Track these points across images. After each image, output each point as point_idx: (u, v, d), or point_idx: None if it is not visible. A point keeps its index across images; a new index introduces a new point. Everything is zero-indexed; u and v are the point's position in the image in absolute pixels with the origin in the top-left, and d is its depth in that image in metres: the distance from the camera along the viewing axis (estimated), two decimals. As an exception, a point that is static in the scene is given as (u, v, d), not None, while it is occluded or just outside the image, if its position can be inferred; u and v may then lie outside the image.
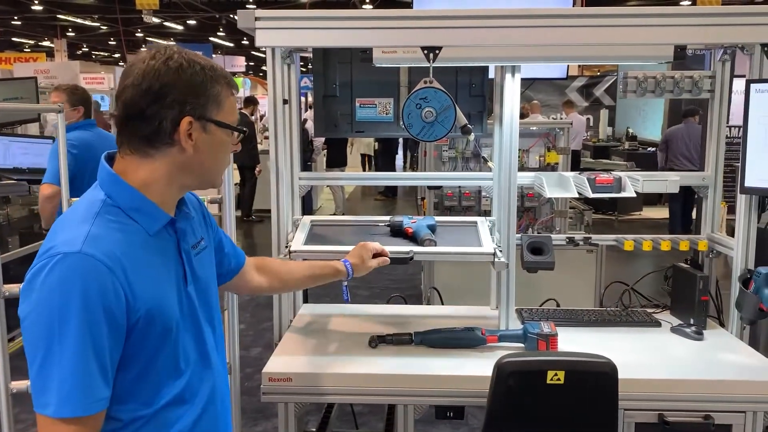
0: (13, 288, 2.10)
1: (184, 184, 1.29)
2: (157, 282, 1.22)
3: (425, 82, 2.01)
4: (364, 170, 12.01)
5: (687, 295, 2.36)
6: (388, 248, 2.10)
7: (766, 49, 2.05)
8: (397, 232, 2.32)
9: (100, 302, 1.11)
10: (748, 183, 2.15)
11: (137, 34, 20.12)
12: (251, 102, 9.84)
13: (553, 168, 4.23)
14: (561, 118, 9.18)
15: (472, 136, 2.20)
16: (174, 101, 1.19)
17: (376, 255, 2.03)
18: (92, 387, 1.12)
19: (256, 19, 2.02)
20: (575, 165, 8.84)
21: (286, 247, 2.25)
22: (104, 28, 18.78)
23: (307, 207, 6.85)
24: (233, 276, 1.65)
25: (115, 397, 1.18)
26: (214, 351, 1.36)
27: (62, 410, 1.10)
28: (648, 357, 2.12)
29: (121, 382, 1.19)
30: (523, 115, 9.11)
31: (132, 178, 1.23)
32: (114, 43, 22.02)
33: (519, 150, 4.33)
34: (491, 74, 2.47)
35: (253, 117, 9.79)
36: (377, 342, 2.14)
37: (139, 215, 1.22)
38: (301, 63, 2.50)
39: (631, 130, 11.56)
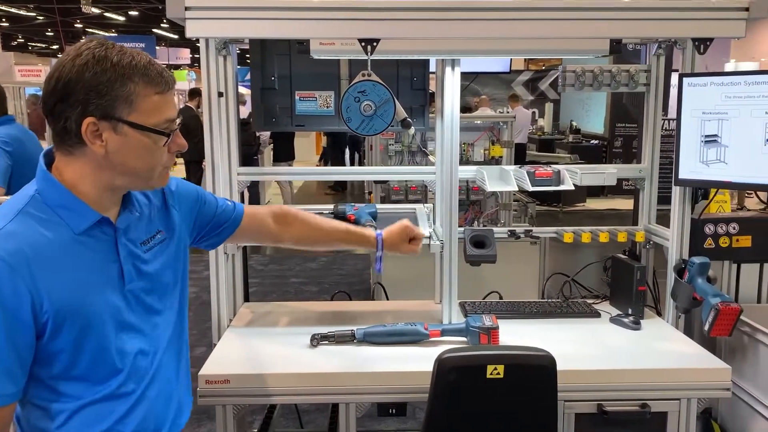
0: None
1: (113, 184, 1.25)
2: (77, 281, 1.19)
3: (363, 75, 1.98)
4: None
5: (625, 286, 2.40)
6: None
7: (696, 43, 2.09)
8: (341, 219, 2.39)
9: None
10: (681, 175, 2.19)
11: (76, 25, 19.46)
12: (196, 94, 9.60)
13: (497, 161, 4.27)
14: (507, 112, 9.30)
15: (412, 130, 2.18)
16: (76, 101, 1.16)
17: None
18: None
19: (187, 8, 1.94)
20: (521, 158, 8.98)
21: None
22: (41, 18, 18.09)
23: (254, 203, 6.72)
24: (233, 230, 1.68)
25: (45, 390, 1.22)
26: (165, 343, 1.37)
27: None
28: (587, 348, 2.14)
29: (48, 377, 1.21)
30: (471, 110, 9.22)
31: (63, 175, 1.22)
32: (52, 34, 21.23)
33: (464, 144, 4.37)
34: (433, 67, 2.46)
35: (199, 109, 9.57)
36: (319, 341, 2.11)
37: (66, 212, 1.20)
38: (247, 55, 2.43)
39: (575, 124, 11.80)
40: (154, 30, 20.32)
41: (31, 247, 1.14)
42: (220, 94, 2.18)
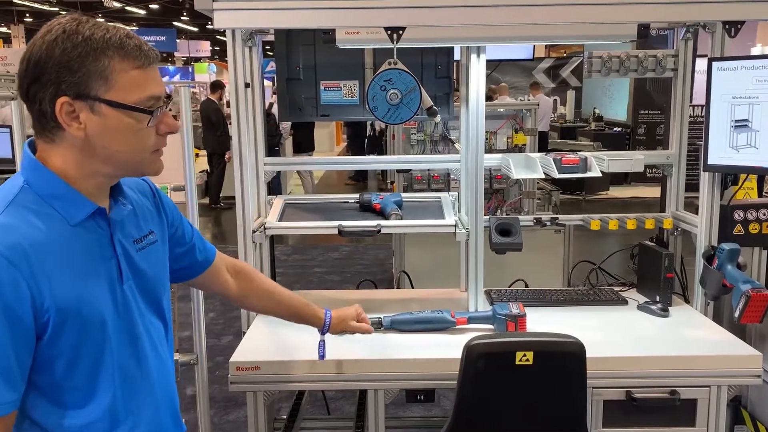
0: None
1: (100, 172, 1.14)
2: (76, 277, 1.09)
3: (389, 64, 1.98)
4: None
5: (653, 273, 2.38)
6: (358, 223, 2.28)
7: (727, 26, 2.06)
8: (366, 208, 2.47)
9: None
10: (710, 161, 2.17)
11: (98, 19, 19.63)
12: (218, 87, 9.67)
13: (520, 149, 4.25)
14: (528, 100, 9.22)
15: (438, 118, 2.18)
16: (48, 80, 1.06)
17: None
18: None
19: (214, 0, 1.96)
20: (543, 146, 8.90)
21: (261, 227, 2.28)
22: (63, 13, 18.27)
23: (276, 193, 6.82)
24: (201, 271, 1.52)
25: (40, 400, 1.11)
26: (156, 350, 1.26)
27: None
28: (615, 335, 2.14)
29: (46, 384, 1.10)
30: (490, 98, 9.16)
31: (49, 164, 1.12)
32: (74, 28, 21.43)
33: (486, 132, 4.35)
34: (457, 55, 2.46)
35: (221, 102, 9.64)
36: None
37: (60, 203, 1.10)
38: (268, 47, 2.45)
39: (597, 111, 11.67)
40: (175, 23, 20.44)
41: (28, 240, 1.04)
42: (246, 85, 2.19)
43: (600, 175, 2.33)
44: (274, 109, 7.55)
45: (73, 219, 1.11)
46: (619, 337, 2.12)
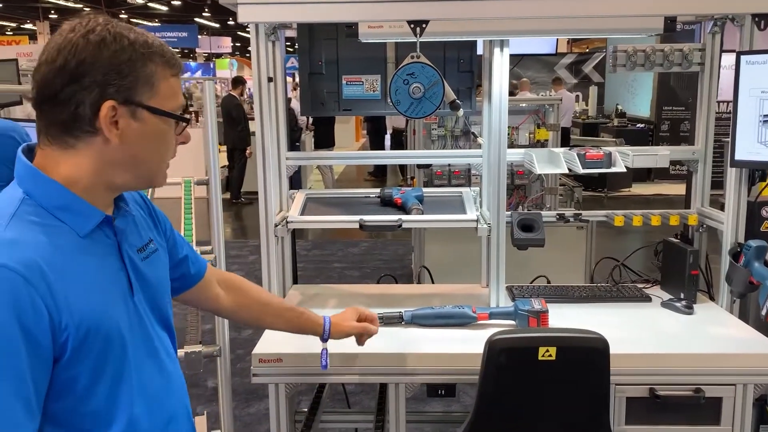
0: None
1: (114, 182, 1.09)
2: (91, 293, 1.02)
3: (412, 57, 1.97)
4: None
5: (677, 270, 2.36)
6: (379, 217, 2.28)
7: (757, 19, 2.02)
8: (388, 202, 2.47)
9: (16, 322, 0.91)
10: (738, 156, 2.13)
11: (121, 15, 19.84)
12: (239, 82, 9.73)
13: (542, 145, 4.22)
14: (550, 96, 9.16)
15: (461, 112, 2.17)
16: (93, 82, 1.00)
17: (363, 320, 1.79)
18: (11, 425, 0.92)
19: (239, -6, 1.97)
20: (565, 142, 8.83)
21: (283, 221, 2.29)
22: (87, 9, 18.49)
23: (296, 188, 6.84)
24: (194, 284, 1.44)
25: (53, 429, 1.01)
26: (169, 361, 1.21)
27: None
28: (639, 332, 2.12)
29: (61, 412, 1.01)
30: (512, 93, 9.10)
31: (54, 173, 1.04)
32: (98, 24, 21.69)
33: (509, 127, 4.31)
34: (480, 50, 2.44)
35: (242, 97, 9.69)
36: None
37: (67, 214, 1.03)
38: (288, 43, 2.46)
39: (620, 107, 11.55)
40: (196, 19, 20.59)
41: (40, 255, 0.96)
42: (269, 80, 2.20)
43: (624, 170, 2.31)
44: (294, 104, 7.58)
45: (82, 230, 1.04)
46: (643, 334, 2.10)
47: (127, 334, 1.08)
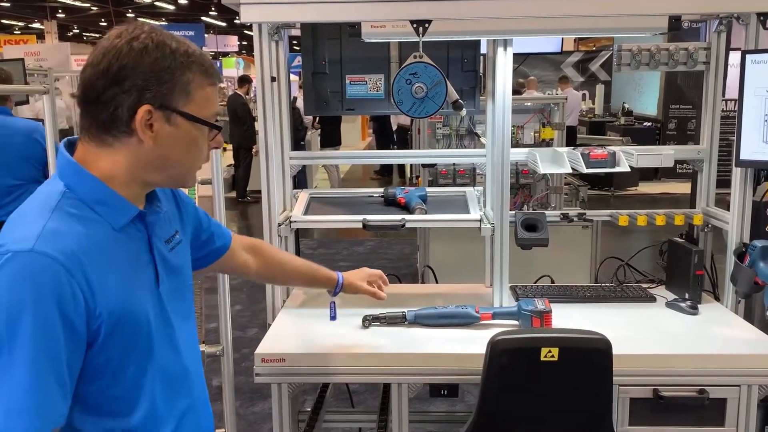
0: None
1: (147, 180, 1.16)
2: (123, 282, 1.10)
3: (415, 57, 1.97)
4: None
5: (682, 270, 2.35)
6: (382, 217, 2.29)
7: (762, 18, 2.01)
8: (391, 202, 2.47)
9: (56, 308, 0.99)
10: (743, 156, 2.12)
11: (128, 14, 19.90)
12: (245, 81, 9.73)
13: (548, 144, 4.20)
14: (556, 94, 9.13)
15: (463, 112, 2.17)
16: (133, 86, 1.07)
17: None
18: (47, 405, 1.00)
19: (241, -6, 1.97)
20: (571, 141, 8.80)
21: (287, 220, 2.30)
22: (94, 8, 18.56)
23: (302, 187, 6.84)
24: (220, 256, 1.55)
25: (83, 411, 1.09)
26: (190, 349, 1.28)
27: (13, 428, 0.97)
28: (643, 332, 2.11)
29: (89, 395, 1.09)
30: (518, 92, 9.08)
31: (93, 168, 1.11)
32: (105, 24, 21.78)
33: (513, 126, 4.31)
34: (484, 49, 2.44)
35: (248, 96, 9.70)
36: (371, 321, 2.13)
37: (103, 208, 1.10)
38: (295, 42, 2.46)
39: (627, 106, 11.51)
40: (203, 18, 20.63)
41: (79, 246, 1.04)
42: (273, 79, 2.20)
43: (629, 170, 2.29)
44: (299, 104, 7.58)
45: (117, 224, 1.12)
46: (647, 335, 2.09)
47: (153, 321, 1.15)
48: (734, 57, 2.32)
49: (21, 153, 3.43)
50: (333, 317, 2.01)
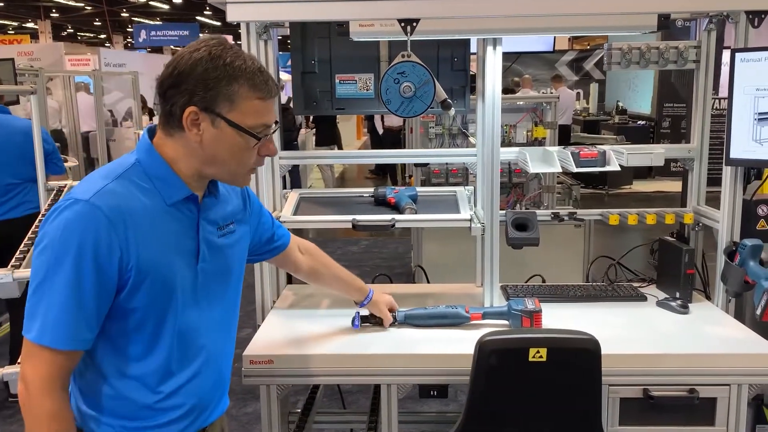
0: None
1: (201, 171, 1.34)
2: (160, 247, 1.28)
3: (403, 56, 1.96)
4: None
5: (673, 269, 2.34)
6: (372, 217, 2.31)
7: (751, 16, 2.00)
8: (381, 202, 2.46)
9: (92, 250, 1.21)
10: (733, 154, 2.12)
11: (122, 14, 19.85)
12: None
13: (540, 143, 4.20)
14: (550, 93, 9.12)
15: (452, 111, 2.16)
16: (186, 89, 1.25)
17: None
18: (73, 326, 1.22)
19: (228, -8, 1.96)
20: (565, 140, 8.82)
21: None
22: (88, 8, 18.50)
23: (296, 187, 6.77)
24: (278, 253, 1.82)
25: (107, 347, 1.30)
26: (219, 326, 1.44)
27: (42, 338, 1.22)
28: (633, 331, 2.10)
29: (116, 332, 1.29)
30: (513, 90, 9.06)
31: (161, 151, 1.32)
32: (99, 23, 21.71)
33: (506, 125, 4.31)
34: (474, 48, 2.43)
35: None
36: (360, 322, 2.12)
37: (161, 183, 1.30)
38: (289, 41, 2.45)
39: (621, 104, 11.52)
40: (198, 17, 20.58)
41: (128, 207, 1.24)
42: (261, 79, 2.18)
43: (619, 169, 2.29)
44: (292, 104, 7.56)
45: (170, 199, 1.31)
46: (638, 334, 2.08)
47: (180, 289, 1.32)
48: (727, 56, 2.32)
49: (20, 152, 3.42)
50: (357, 325, 2.07)
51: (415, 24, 1.94)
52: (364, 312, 2.10)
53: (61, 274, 1.21)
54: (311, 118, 9.39)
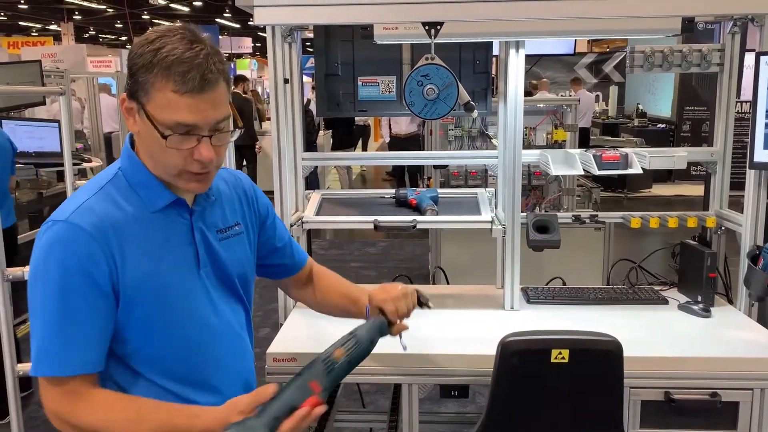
0: (17, 271, 2.09)
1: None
2: (150, 257, 1.21)
3: (426, 59, 1.98)
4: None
5: (695, 272, 2.33)
6: (393, 218, 2.29)
7: (776, 20, 2.00)
8: (402, 203, 2.47)
9: (78, 269, 1.15)
10: (757, 158, 2.11)
11: (143, 17, 20.06)
12: (240, 80, 9.74)
13: (560, 145, 4.20)
14: (569, 96, 9.08)
15: (475, 114, 2.17)
16: (128, 76, 1.20)
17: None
18: (70, 349, 1.15)
19: (255, -4, 1.99)
20: (585, 142, 8.76)
21: (299, 221, 2.32)
22: (110, 10, 18.71)
23: (314, 188, 6.84)
24: (290, 274, 1.63)
25: (119, 365, 1.23)
26: (232, 332, 1.36)
27: (38, 368, 1.16)
28: (654, 334, 2.10)
29: (123, 355, 1.23)
30: (531, 93, 9.03)
31: (140, 155, 1.25)
32: (120, 25, 21.97)
33: (526, 128, 4.31)
34: (496, 50, 2.44)
35: (245, 95, 9.67)
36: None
37: (144, 191, 1.23)
38: (308, 43, 2.48)
39: (641, 107, 11.42)
40: (218, 20, 20.75)
41: (110, 221, 1.18)
42: (285, 81, 2.22)
43: (641, 172, 2.29)
44: (312, 106, 7.58)
45: (154, 206, 1.23)
46: (659, 337, 2.08)
47: (180, 299, 1.24)
48: (750, 58, 2.31)
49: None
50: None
51: (439, 27, 1.96)
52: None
53: (49, 299, 1.15)
54: (324, 121, 9.36)
